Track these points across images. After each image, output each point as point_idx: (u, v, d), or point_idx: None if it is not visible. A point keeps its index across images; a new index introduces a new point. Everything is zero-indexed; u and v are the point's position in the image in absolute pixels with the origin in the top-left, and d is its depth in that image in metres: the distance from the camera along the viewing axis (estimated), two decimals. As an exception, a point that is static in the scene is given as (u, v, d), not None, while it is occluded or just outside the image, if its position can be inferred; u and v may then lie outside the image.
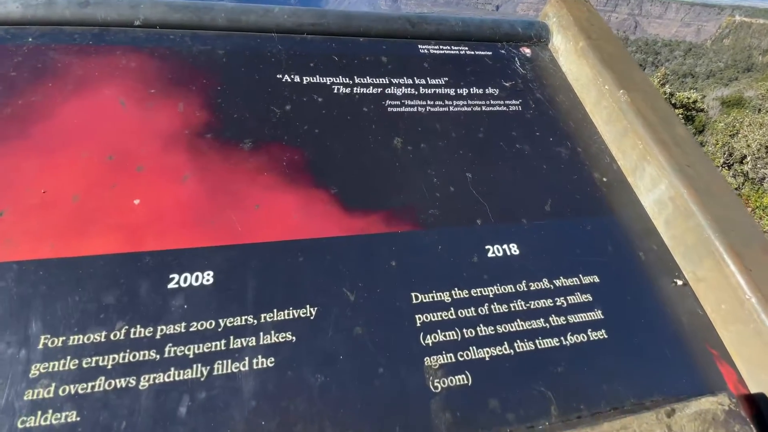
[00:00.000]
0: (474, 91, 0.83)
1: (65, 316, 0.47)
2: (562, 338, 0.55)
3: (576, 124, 0.83)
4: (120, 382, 0.45)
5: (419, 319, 0.54)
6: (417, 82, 0.81)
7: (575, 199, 0.71)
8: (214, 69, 0.73)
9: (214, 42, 0.77)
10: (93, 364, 0.45)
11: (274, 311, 0.51)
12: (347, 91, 0.76)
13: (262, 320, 0.50)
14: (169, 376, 0.45)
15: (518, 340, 0.54)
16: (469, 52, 0.89)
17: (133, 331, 0.47)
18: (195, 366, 0.46)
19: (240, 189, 0.60)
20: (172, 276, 0.51)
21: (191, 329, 0.48)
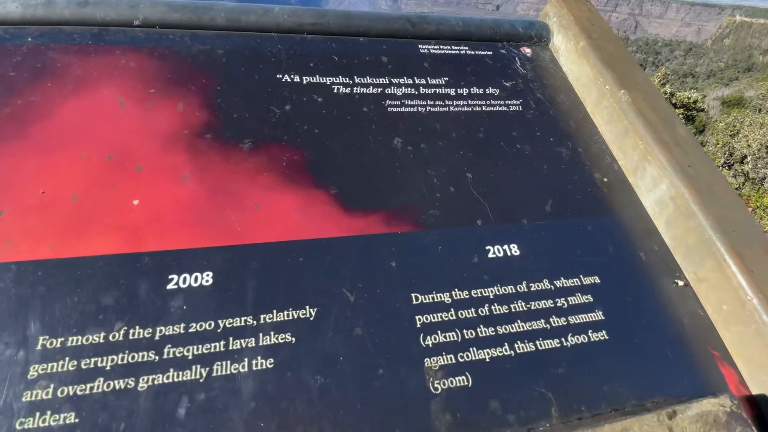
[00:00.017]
0: (474, 91, 0.83)
1: (64, 316, 0.47)
2: (562, 339, 0.55)
3: (577, 124, 0.83)
4: (119, 384, 0.44)
5: (419, 319, 0.54)
6: (417, 81, 0.81)
7: (576, 200, 0.71)
8: (213, 69, 0.73)
9: (213, 42, 0.77)
10: (92, 365, 0.45)
11: (274, 312, 0.51)
12: (347, 91, 0.76)
13: (261, 321, 0.50)
14: (168, 377, 0.45)
15: (519, 341, 0.54)
16: (469, 52, 0.89)
17: (132, 332, 0.47)
18: (194, 367, 0.46)
19: (239, 189, 0.60)
20: (171, 277, 0.51)
21: (190, 330, 0.48)
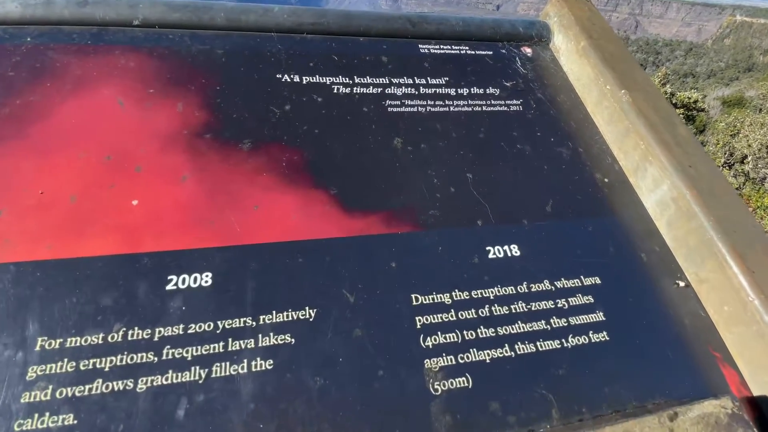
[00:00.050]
0: (475, 90, 0.82)
1: (62, 317, 0.47)
2: (563, 340, 0.55)
3: (577, 124, 0.82)
4: (117, 385, 0.44)
5: (419, 320, 0.53)
6: (417, 81, 0.81)
7: (576, 200, 0.70)
8: (213, 69, 0.73)
9: (213, 42, 0.77)
10: (90, 367, 0.45)
11: (273, 313, 0.51)
12: (347, 90, 0.76)
13: (260, 322, 0.50)
14: (167, 379, 0.45)
15: (519, 342, 0.54)
16: (469, 52, 0.89)
17: (130, 333, 0.47)
18: (193, 368, 0.46)
19: (239, 190, 0.60)
20: (170, 277, 0.51)
21: (189, 331, 0.48)
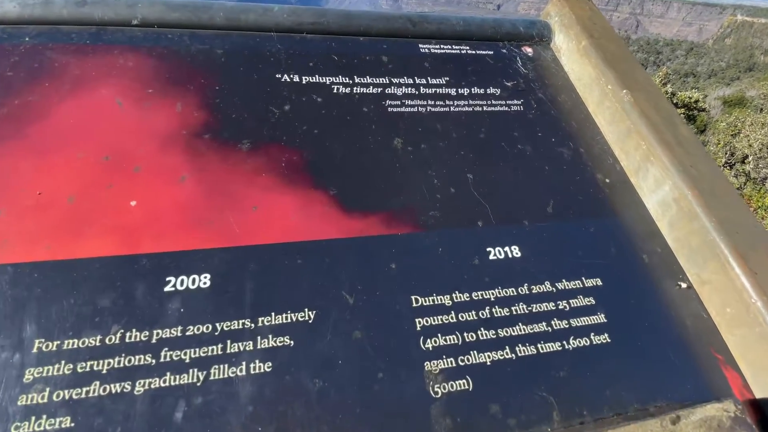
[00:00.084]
0: (475, 90, 0.82)
1: (60, 319, 0.47)
2: (564, 342, 0.55)
3: (578, 124, 0.82)
4: (115, 387, 0.44)
5: (419, 322, 0.53)
6: (418, 81, 0.80)
7: (578, 201, 0.70)
8: (212, 68, 0.72)
9: (212, 41, 0.76)
10: (88, 369, 0.44)
11: (272, 315, 0.50)
12: (347, 90, 0.75)
13: (259, 324, 0.49)
14: (164, 381, 0.45)
15: (520, 345, 0.53)
16: (470, 52, 0.88)
17: (128, 335, 0.47)
18: (191, 371, 0.46)
19: (238, 190, 0.59)
20: (168, 279, 0.51)
21: (188, 333, 0.48)
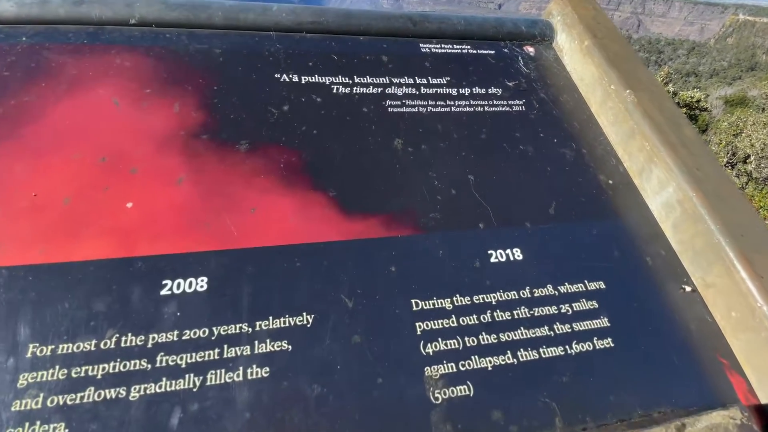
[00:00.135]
0: (476, 90, 0.81)
1: (54, 323, 0.46)
2: (567, 347, 0.54)
3: (581, 124, 0.81)
4: (110, 393, 0.43)
5: (419, 326, 0.52)
6: (418, 81, 0.79)
7: (580, 202, 0.69)
8: (210, 68, 0.72)
9: (210, 41, 0.76)
10: (82, 374, 0.44)
11: (270, 319, 0.50)
12: (347, 91, 0.75)
13: (257, 328, 0.49)
14: (160, 387, 0.44)
15: (522, 349, 0.53)
16: (471, 51, 0.87)
17: (123, 339, 0.46)
18: (187, 376, 0.45)
19: (236, 192, 0.59)
20: (164, 282, 0.50)
21: (184, 338, 0.47)
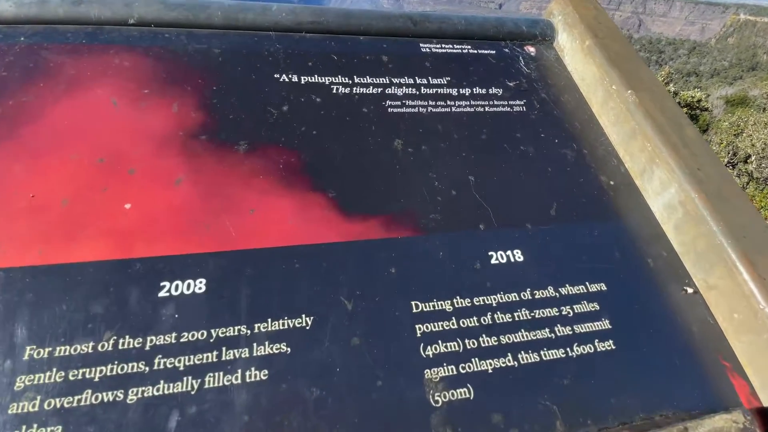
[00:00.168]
0: (477, 91, 0.81)
1: (52, 325, 0.46)
2: (567, 349, 0.53)
3: (582, 125, 0.81)
4: (107, 396, 0.43)
5: (419, 329, 0.52)
6: (418, 81, 0.79)
7: (581, 203, 0.69)
8: (209, 68, 0.71)
9: (210, 41, 0.75)
10: (80, 377, 0.43)
11: (269, 321, 0.49)
12: (346, 91, 0.74)
13: (255, 330, 0.48)
14: (158, 390, 0.44)
15: (522, 352, 0.52)
16: (472, 51, 0.87)
17: (121, 341, 0.46)
18: (185, 379, 0.45)
19: (235, 193, 0.58)
20: (163, 284, 0.50)
21: (182, 340, 0.47)
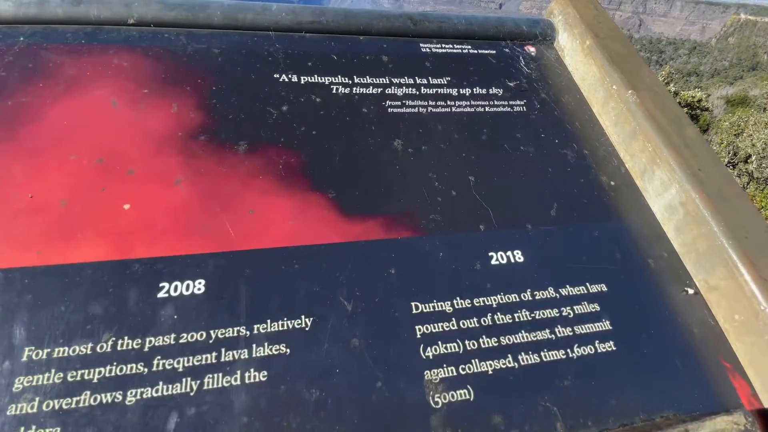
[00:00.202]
0: (477, 91, 0.80)
1: (51, 326, 0.45)
2: (568, 350, 0.53)
3: (583, 125, 0.80)
4: (106, 397, 0.43)
5: (419, 330, 0.52)
6: (418, 81, 0.79)
7: (582, 204, 0.68)
8: (209, 68, 0.71)
9: (209, 41, 0.75)
10: (78, 378, 0.43)
11: (268, 322, 0.49)
12: (346, 91, 0.74)
13: (254, 331, 0.48)
14: (157, 391, 0.44)
15: (522, 353, 0.52)
16: (472, 51, 0.87)
17: (120, 342, 0.45)
18: (184, 380, 0.44)
19: (234, 193, 0.58)
20: (162, 284, 0.49)
21: (181, 341, 0.46)
